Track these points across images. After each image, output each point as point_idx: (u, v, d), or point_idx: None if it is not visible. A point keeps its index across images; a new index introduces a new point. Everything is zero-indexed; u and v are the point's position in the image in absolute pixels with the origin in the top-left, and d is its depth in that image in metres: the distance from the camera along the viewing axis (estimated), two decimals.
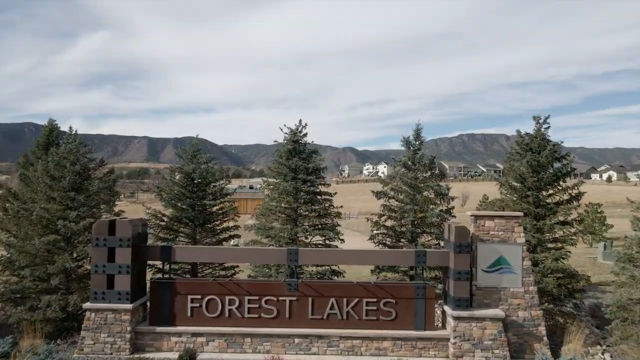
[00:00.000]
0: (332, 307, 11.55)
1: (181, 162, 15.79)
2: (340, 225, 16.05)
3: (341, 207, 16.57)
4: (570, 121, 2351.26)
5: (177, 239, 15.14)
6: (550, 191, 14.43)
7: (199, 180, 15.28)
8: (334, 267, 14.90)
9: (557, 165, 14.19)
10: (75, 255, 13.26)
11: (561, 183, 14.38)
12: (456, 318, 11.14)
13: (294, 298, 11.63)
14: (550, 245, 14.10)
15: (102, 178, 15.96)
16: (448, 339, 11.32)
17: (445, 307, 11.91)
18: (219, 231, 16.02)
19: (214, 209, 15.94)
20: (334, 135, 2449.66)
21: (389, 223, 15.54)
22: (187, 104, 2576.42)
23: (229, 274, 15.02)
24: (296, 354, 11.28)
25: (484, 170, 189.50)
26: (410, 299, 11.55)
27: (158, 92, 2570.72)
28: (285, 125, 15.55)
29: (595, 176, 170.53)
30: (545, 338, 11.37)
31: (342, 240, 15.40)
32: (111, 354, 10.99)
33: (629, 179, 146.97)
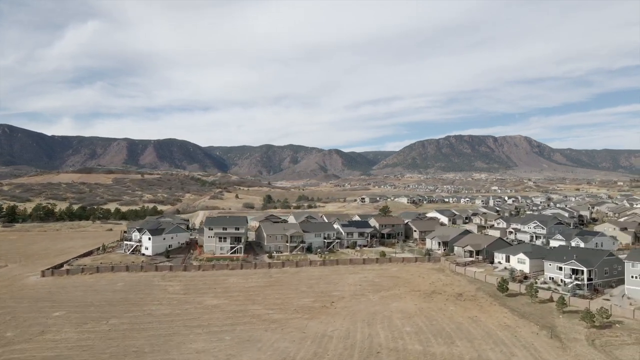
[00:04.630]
0: None
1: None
2: None
3: None
4: (577, 119, 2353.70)
5: None
6: None
7: None
8: None
9: None
10: None
11: None
12: None
13: None
14: None
15: None
16: None
17: None
18: None
19: None
20: (326, 136, 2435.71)
21: None
22: (183, 101, 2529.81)
23: None
24: None
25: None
26: None
27: (151, 89, 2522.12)
28: None
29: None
30: None
31: None
32: None
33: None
